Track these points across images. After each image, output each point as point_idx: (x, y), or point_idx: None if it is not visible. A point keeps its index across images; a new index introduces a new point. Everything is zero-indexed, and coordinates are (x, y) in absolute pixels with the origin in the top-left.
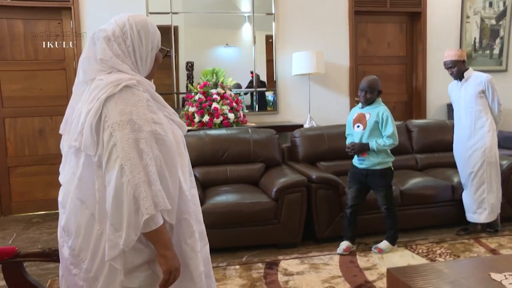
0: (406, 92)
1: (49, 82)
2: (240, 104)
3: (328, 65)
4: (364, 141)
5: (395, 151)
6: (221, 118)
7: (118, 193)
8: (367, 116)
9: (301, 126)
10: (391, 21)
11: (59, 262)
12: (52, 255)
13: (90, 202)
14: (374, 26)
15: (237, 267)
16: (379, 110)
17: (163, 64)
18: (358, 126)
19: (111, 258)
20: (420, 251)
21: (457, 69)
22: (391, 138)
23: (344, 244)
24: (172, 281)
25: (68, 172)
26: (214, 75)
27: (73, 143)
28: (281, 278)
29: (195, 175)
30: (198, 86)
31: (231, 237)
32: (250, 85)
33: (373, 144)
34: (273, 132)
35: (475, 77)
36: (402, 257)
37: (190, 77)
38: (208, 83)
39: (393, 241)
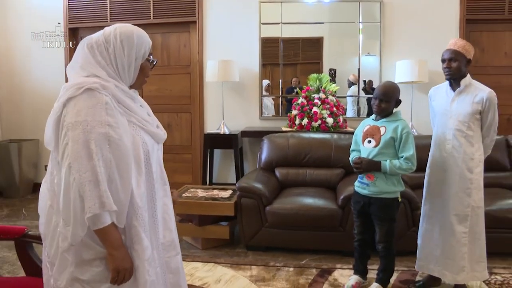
0: None
1: (176, 84)
2: (341, 110)
3: (433, 74)
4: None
5: (489, 167)
6: (319, 122)
7: (66, 191)
8: (382, 130)
9: None
10: (510, 29)
11: None
12: None
13: (51, 194)
14: (489, 35)
15: (291, 269)
16: (398, 125)
17: (310, 69)
18: (370, 142)
19: (63, 250)
20: (492, 281)
21: (457, 66)
22: (409, 162)
23: (353, 280)
24: (122, 280)
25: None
26: (318, 81)
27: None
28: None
29: (275, 175)
30: (302, 91)
31: (295, 239)
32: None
33: (386, 164)
34: None
35: (475, 90)
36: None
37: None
38: (310, 88)
39: (385, 284)
